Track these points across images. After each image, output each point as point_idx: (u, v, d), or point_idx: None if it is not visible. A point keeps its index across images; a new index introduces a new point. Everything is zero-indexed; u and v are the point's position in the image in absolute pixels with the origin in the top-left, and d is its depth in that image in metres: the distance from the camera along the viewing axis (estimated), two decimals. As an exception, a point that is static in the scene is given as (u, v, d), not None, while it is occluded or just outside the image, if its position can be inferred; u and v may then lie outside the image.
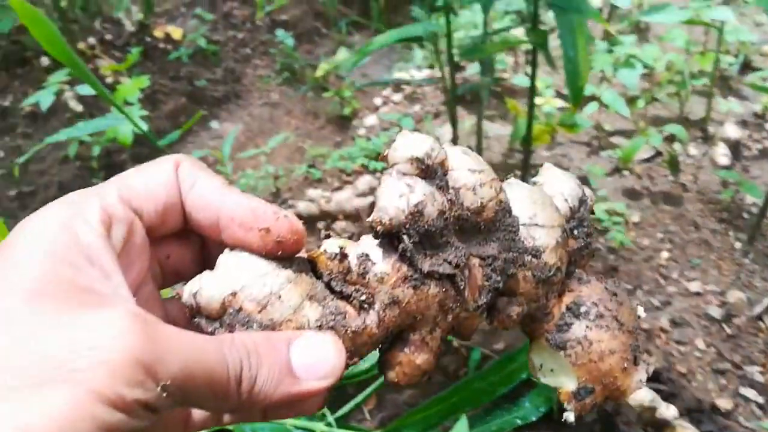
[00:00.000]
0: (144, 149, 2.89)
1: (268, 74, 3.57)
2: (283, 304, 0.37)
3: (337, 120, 3.09)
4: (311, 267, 0.40)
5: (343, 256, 0.38)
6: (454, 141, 1.69)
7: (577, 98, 1.32)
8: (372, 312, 0.38)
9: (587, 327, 0.43)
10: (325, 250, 0.39)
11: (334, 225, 1.81)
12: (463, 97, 2.43)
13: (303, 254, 0.40)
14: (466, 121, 2.25)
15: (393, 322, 0.38)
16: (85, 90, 2.70)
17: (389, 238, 0.38)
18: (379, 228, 0.37)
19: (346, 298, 0.38)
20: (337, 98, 3.13)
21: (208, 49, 3.47)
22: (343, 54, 3.16)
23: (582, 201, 0.47)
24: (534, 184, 0.46)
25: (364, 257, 0.38)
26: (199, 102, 3.26)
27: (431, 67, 2.99)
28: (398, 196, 0.37)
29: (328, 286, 0.39)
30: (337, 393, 1.49)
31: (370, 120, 2.46)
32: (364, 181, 1.88)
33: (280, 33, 3.58)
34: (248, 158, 2.85)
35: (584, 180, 1.94)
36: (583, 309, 0.43)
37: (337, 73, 3.45)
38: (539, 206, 0.43)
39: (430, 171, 0.39)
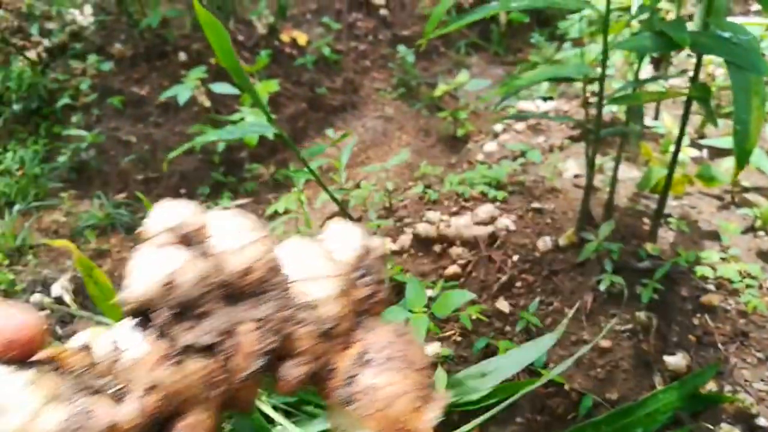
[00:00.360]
0: (263, 150, 3.03)
1: (385, 88, 3.65)
2: (21, 410, 0.32)
3: (448, 140, 3.12)
4: (59, 364, 0.36)
5: (87, 348, 0.36)
6: (589, 182, 1.67)
7: (742, 162, 1.27)
8: (129, 401, 0.35)
9: (374, 374, 0.40)
10: (68, 346, 0.36)
11: (450, 250, 1.82)
12: (588, 134, 2.39)
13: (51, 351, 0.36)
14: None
15: (156, 408, 0.35)
16: (219, 88, 2.86)
17: (145, 316, 0.36)
18: (129, 307, 0.35)
19: (99, 391, 0.35)
20: (451, 118, 3.16)
21: (330, 58, 3.59)
22: (463, 76, 3.18)
23: (369, 250, 0.45)
24: (317, 239, 0.45)
25: (116, 343, 0.36)
26: (317, 109, 3.38)
27: (551, 98, 2.96)
28: (151, 269, 0.35)
29: (78, 382, 0.35)
30: (443, 421, 1.50)
31: (490, 146, 2.46)
32: (485, 210, 1.88)
33: (401, 49, 3.65)
34: (359, 169, 2.93)
35: (714, 235, 1.86)
36: (368, 356, 0.41)
37: (452, 93, 3.49)
38: (315, 260, 0.41)
39: (189, 238, 0.37)
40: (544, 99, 2.75)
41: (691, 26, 1.32)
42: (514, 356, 1.53)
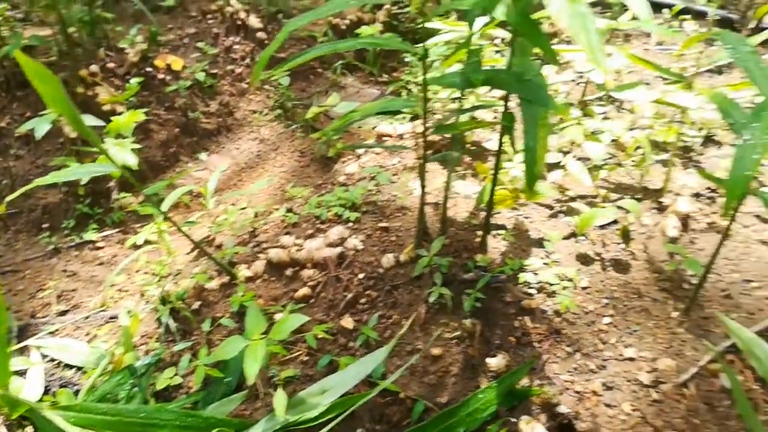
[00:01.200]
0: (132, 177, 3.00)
1: (261, 110, 3.71)
2: None
3: (322, 160, 3.22)
4: None
5: None
6: (422, 202, 1.82)
7: (531, 183, 1.45)
8: None
9: None
10: None
11: (301, 273, 1.92)
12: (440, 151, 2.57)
13: None
14: (439, 177, 2.39)
15: None
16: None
17: None
18: None
19: None
20: (324, 139, 3.26)
21: (205, 82, 3.61)
22: (333, 98, 3.31)
23: None
24: None
25: None
26: (191, 134, 3.39)
27: (416, 117, 3.13)
28: None
29: None
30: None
31: (351, 167, 2.58)
32: (336, 232, 2.00)
33: (277, 71, 3.72)
34: (232, 192, 2.97)
35: (541, 242, 2.06)
36: None
37: (326, 113, 3.60)
38: None
39: None
40: (402, 121, 2.91)
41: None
42: (352, 370, 1.65)
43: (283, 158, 3.27)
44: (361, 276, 1.89)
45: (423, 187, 1.80)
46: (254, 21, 4.16)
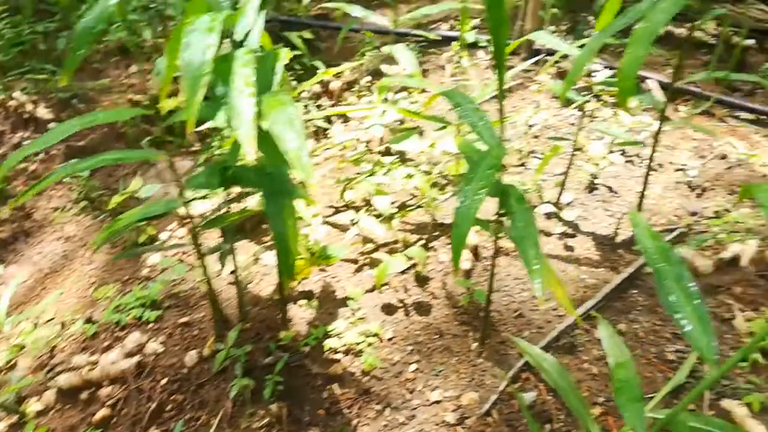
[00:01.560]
0: None
1: (64, 205, 3.48)
2: None
3: (133, 248, 3.08)
4: None
5: None
6: (212, 295, 1.80)
7: (288, 272, 1.48)
8: None
9: None
10: None
11: (99, 393, 1.81)
12: (244, 226, 2.57)
13: None
14: (249, 249, 2.39)
15: None
16: None
17: None
18: None
19: None
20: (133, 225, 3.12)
21: (-10, 189, 3.32)
22: (136, 183, 3.19)
23: None
24: None
25: None
26: (-19, 248, 3.09)
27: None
28: None
29: None
30: None
31: (155, 258, 2.50)
32: (133, 339, 1.91)
33: (73, 162, 3.52)
34: (33, 305, 2.74)
35: (344, 302, 2.12)
36: None
37: (136, 196, 3.46)
38: None
39: None
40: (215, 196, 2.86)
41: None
42: (158, 490, 1.58)
43: (92, 252, 3.09)
44: (164, 381, 1.82)
45: (209, 281, 1.78)
46: (43, 112, 3.91)
